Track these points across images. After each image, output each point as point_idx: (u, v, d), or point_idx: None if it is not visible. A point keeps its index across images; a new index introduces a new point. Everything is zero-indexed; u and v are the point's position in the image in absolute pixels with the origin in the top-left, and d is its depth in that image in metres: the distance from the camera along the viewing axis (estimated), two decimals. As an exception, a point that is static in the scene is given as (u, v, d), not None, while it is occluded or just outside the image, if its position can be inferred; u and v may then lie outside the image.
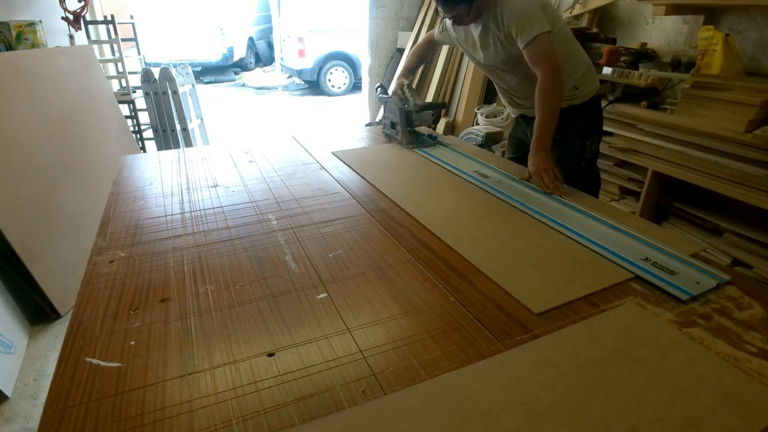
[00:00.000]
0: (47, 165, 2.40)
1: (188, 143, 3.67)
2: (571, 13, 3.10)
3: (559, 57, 1.39)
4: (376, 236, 1.11)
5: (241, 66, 9.57)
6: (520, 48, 1.38)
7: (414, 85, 2.53)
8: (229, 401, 0.64)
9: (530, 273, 0.94)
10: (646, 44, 2.59)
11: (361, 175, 1.48)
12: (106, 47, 4.29)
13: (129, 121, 3.78)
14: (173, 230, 1.13)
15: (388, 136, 1.88)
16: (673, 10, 2.27)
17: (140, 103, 3.75)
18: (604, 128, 1.78)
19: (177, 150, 1.76)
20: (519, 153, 1.83)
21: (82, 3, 3.44)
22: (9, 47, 2.91)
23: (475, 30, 1.51)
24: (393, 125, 1.82)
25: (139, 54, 4.15)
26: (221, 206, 1.26)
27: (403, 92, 1.78)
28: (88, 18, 3.66)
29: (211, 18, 8.31)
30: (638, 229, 1.10)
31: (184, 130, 3.63)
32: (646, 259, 0.97)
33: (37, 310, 2.21)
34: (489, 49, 1.50)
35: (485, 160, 1.61)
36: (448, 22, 1.59)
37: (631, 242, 1.05)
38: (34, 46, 3.00)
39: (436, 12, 4.39)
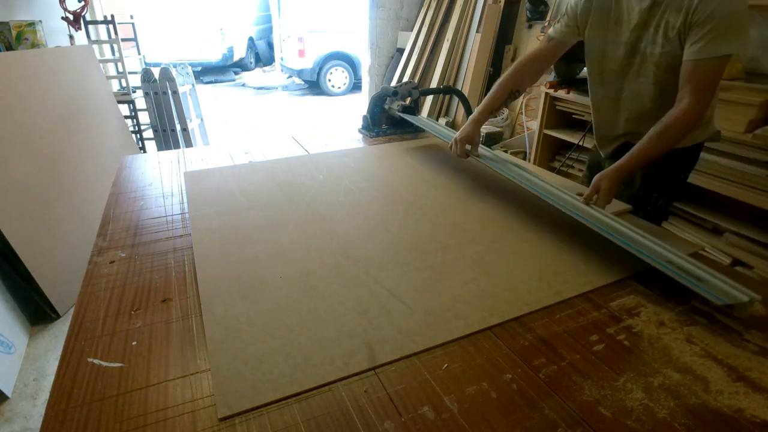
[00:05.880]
0: (47, 165, 2.40)
1: (188, 143, 3.67)
2: (571, 13, 3.10)
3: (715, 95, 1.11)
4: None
5: (241, 66, 9.56)
6: (687, 56, 1.05)
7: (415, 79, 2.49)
8: (231, 401, 0.64)
9: (523, 272, 0.94)
10: (646, 44, 2.59)
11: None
12: (106, 47, 4.29)
13: (129, 121, 3.78)
14: (173, 230, 1.13)
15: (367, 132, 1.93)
16: (673, 10, 2.27)
17: (140, 103, 3.74)
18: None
19: (177, 150, 1.75)
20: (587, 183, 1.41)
21: (82, 3, 3.44)
22: (9, 47, 2.91)
23: (636, 3, 1.15)
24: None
25: (139, 54, 4.15)
26: (222, 206, 1.26)
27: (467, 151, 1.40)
28: (88, 18, 3.66)
29: (211, 18, 8.31)
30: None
31: (184, 130, 3.63)
32: (670, 262, 0.89)
33: (37, 310, 2.21)
34: (647, 34, 1.14)
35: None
36: None
37: (653, 245, 0.95)
38: (34, 46, 2.99)
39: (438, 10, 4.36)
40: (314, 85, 7.93)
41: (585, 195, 1.12)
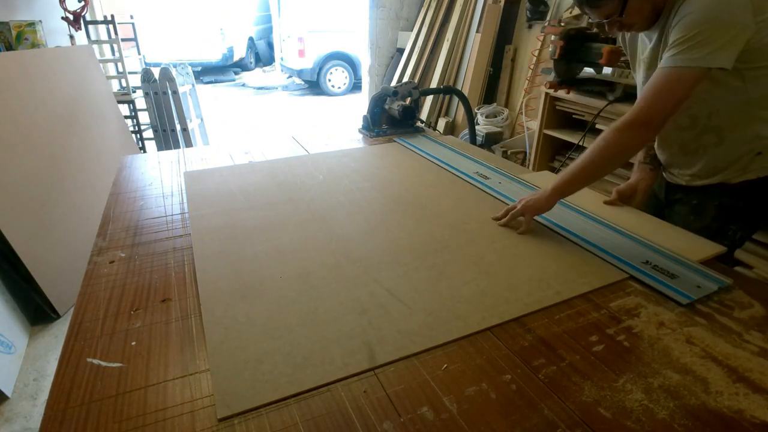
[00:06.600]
0: (47, 165, 2.40)
1: (188, 143, 3.67)
2: (571, 13, 3.11)
3: (686, 108, 1.08)
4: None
5: (241, 66, 9.56)
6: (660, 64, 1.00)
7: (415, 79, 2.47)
8: (231, 401, 0.64)
9: (523, 272, 0.94)
10: (646, 44, 2.58)
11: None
12: (106, 47, 4.29)
13: (129, 121, 3.78)
14: (173, 230, 1.13)
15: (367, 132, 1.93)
16: (673, 10, 2.27)
17: (140, 103, 3.74)
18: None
19: (177, 150, 1.75)
20: (649, 209, 1.33)
21: (82, 3, 3.44)
22: (9, 47, 2.91)
23: (647, 41, 1.13)
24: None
25: (139, 54, 4.15)
26: (222, 206, 1.26)
27: None
28: (88, 18, 3.66)
29: (211, 18, 8.31)
30: (643, 229, 1.10)
31: (184, 130, 3.63)
32: (647, 262, 0.97)
33: (37, 310, 2.21)
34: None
35: (483, 159, 1.60)
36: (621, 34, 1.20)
37: (633, 245, 1.04)
38: (34, 46, 2.99)
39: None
40: (314, 85, 7.93)
41: (503, 220, 1.13)
